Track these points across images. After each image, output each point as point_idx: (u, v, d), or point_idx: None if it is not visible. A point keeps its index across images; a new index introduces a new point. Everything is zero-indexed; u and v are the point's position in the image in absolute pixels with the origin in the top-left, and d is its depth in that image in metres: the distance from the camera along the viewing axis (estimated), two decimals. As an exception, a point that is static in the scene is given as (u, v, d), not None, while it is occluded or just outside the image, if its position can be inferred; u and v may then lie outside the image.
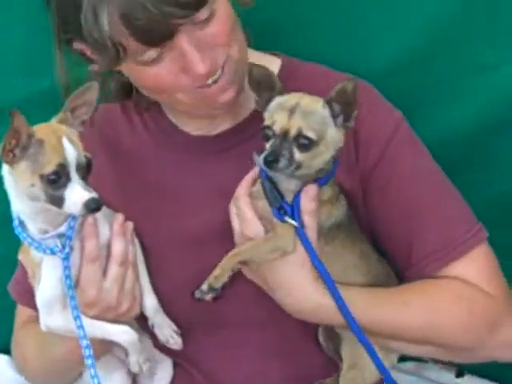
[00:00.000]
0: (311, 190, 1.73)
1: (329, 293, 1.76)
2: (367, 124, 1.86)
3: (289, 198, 1.75)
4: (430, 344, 1.87)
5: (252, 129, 1.88)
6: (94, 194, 1.65)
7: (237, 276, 1.82)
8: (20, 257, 1.88)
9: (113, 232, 1.81)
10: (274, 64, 1.96)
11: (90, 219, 1.76)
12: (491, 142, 2.23)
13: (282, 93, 1.74)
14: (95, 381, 1.72)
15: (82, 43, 1.76)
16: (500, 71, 2.15)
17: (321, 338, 1.96)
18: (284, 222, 1.73)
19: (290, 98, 1.72)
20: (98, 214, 1.76)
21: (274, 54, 2.02)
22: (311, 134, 1.67)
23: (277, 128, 1.68)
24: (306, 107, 1.69)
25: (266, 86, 1.74)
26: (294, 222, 1.73)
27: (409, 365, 2.52)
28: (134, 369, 1.87)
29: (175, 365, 2.02)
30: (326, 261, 1.76)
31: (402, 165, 1.88)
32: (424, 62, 2.17)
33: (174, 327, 1.91)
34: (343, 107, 1.71)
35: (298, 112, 1.68)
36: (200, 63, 1.72)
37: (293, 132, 1.67)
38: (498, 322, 1.86)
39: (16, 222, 1.76)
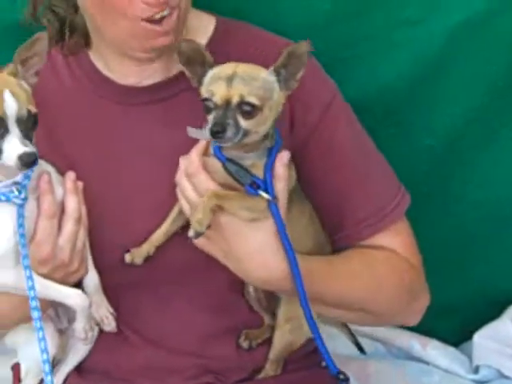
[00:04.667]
0: (285, 156, 1.72)
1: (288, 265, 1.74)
2: (306, 89, 1.83)
3: (255, 172, 1.72)
4: (362, 311, 1.92)
5: (179, 85, 1.87)
6: (29, 149, 1.62)
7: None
8: None
9: (66, 189, 1.78)
10: (210, 23, 1.95)
11: (44, 177, 1.74)
12: (414, 97, 2.28)
13: (212, 65, 1.70)
14: (42, 344, 1.70)
15: None
16: (424, 25, 2.19)
17: (251, 295, 1.97)
18: (258, 195, 1.70)
19: (225, 68, 1.68)
20: (52, 175, 1.76)
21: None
22: (254, 100, 1.64)
23: (217, 98, 1.64)
24: (244, 74, 1.66)
25: (196, 61, 1.70)
26: (267, 196, 1.70)
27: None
28: (80, 335, 1.83)
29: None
30: (288, 226, 1.74)
31: (338, 132, 1.91)
32: (348, 18, 2.19)
33: (111, 309, 1.89)
34: (290, 70, 1.69)
35: (237, 79, 1.64)
36: None
37: (235, 100, 1.63)
38: (418, 292, 1.96)
39: None
